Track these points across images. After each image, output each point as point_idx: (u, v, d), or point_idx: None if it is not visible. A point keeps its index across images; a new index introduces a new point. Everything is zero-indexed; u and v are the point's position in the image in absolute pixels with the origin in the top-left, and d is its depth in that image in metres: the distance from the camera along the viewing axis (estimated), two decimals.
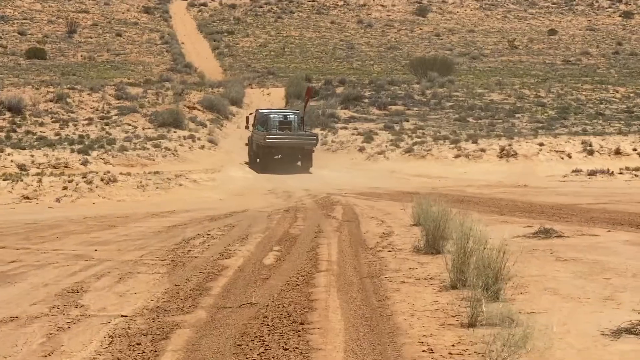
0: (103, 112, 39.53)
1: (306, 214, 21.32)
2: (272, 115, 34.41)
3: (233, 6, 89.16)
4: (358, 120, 40.65)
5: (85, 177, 24.79)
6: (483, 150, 32.50)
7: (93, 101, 40.79)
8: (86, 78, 55.92)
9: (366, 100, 44.76)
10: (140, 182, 24.94)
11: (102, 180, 24.49)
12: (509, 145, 32.61)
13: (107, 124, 37.49)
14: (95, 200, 23.87)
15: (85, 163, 29.14)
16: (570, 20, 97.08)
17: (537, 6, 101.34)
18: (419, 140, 35.22)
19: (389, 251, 14.25)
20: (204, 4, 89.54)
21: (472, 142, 33.51)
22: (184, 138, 35.95)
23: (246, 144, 35.91)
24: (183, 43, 77.27)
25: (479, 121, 41.10)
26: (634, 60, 76.18)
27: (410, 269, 12.46)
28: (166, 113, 38.18)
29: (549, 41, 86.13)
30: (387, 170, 32.17)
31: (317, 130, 38.22)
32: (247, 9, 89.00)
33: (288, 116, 34.66)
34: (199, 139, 36.28)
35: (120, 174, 26.34)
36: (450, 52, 74.27)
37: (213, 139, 36.53)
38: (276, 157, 33.34)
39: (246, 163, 34.82)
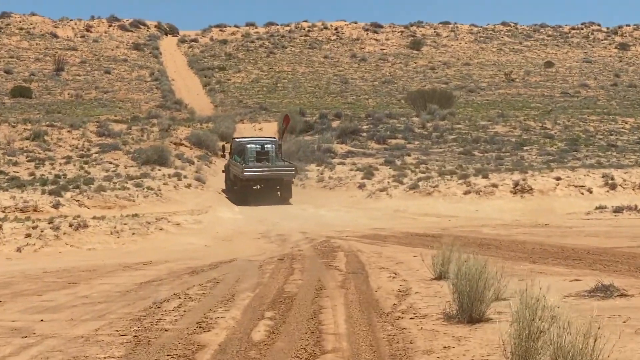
0: (83, 150, 36.32)
1: (304, 263, 18.06)
2: (249, 145, 32.61)
3: (224, 42, 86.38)
4: (356, 155, 37.49)
5: (51, 222, 21.49)
6: (495, 185, 29.26)
7: (73, 139, 37.58)
8: (71, 116, 52.77)
9: (364, 134, 41.63)
10: (115, 227, 21.65)
11: (70, 225, 21.21)
12: (523, 179, 29.41)
13: (86, 163, 34.24)
14: (62, 249, 20.59)
15: (57, 206, 25.81)
16: (566, 52, 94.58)
17: (532, 39, 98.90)
18: (423, 175, 32.00)
19: (411, 318, 11.02)
20: (195, 40, 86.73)
21: (483, 177, 30.30)
22: (169, 176, 32.69)
23: (223, 171, 34.33)
24: (173, 80, 74.31)
25: (486, 154, 37.96)
26: (634, 92, 73.48)
27: (445, 347, 9.27)
28: (150, 150, 34.97)
29: (545, 74, 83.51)
30: (390, 209, 28.93)
31: (312, 166, 35.09)
32: (239, 44, 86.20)
33: (265, 145, 32.90)
34: (185, 177, 33.01)
35: (93, 218, 23.04)
36: (447, 86, 71.45)
37: (200, 177, 33.28)
38: (255, 187, 31.87)
39: (223, 190, 33.19)
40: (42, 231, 21.01)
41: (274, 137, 35.25)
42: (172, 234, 23.01)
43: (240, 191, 31.47)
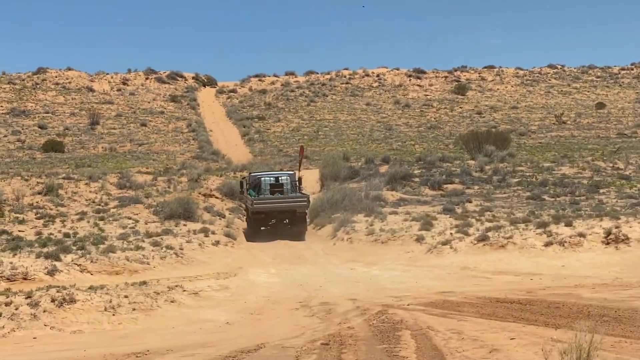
0: (100, 205, 31.20)
1: (357, 353, 12.46)
2: (263, 178, 31.53)
3: (263, 91, 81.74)
4: (409, 202, 31.85)
5: (30, 296, 16.13)
6: (582, 235, 23.42)
7: (90, 192, 32.54)
8: (101, 169, 48.03)
9: (416, 179, 36.04)
10: (110, 301, 16.22)
11: (53, 300, 15.85)
12: (616, 227, 23.55)
13: (102, 219, 29.09)
14: (39, 332, 15.20)
15: (52, 272, 20.47)
16: (617, 93, 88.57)
17: (581, 80, 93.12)
18: (492, 224, 26.26)
19: None
20: (233, 91, 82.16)
21: (565, 225, 24.49)
22: (195, 232, 27.38)
23: (245, 210, 32.86)
24: (211, 130, 69.70)
25: (557, 199, 32.10)
26: None
27: None
28: (174, 203, 29.75)
29: (598, 115, 77.68)
30: (457, 266, 23.21)
31: (360, 217, 29.53)
32: (278, 94, 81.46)
33: (280, 178, 31.73)
34: (213, 232, 27.66)
35: (89, 288, 17.66)
36: (496, 130, 65.87)
37: (231, 232, 27.86)
38: (270, 222, 30.61)
39: (244, 230, 31.41)
40: (16, 308, 15.68)
41: (291, 171, 33.59)
42: (187, 306, 17.52)
43: (254, 225, 30.24)
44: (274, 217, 30.42)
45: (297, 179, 31.78)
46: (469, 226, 26.55)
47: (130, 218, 29.42)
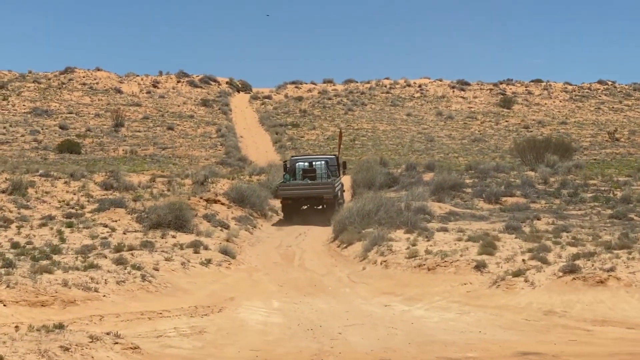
0: (74, 208, 23.81)
1: None
2: (298, 164, 30.28)
3: (299, 99, 74.29)
4: (462, 217, 23.96)
5: None
6: None
7: (67, 192, 25.18)
8: (94, 167, 40.93)
9: (468, 190, 28.22)
10: None
11: None
12: None
13: (70, 225, 21.66)
14: None
15: None
16: None
17: (633, 97, 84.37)
18: (577, 250, 18.40)
19: None
20: (268, 97, 74.84)
21: None
22: (181, 247, 19.84)
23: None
24: (242, 137, 62.43)
25: None
26: None
27: None
28: (164, 208, 22.17)
29: None
30: (538, 309, 15.37)
31: (399, 234, 21.64)
32: (315, 101, 73.97)
33: (314, 163, 30.31)
34: (206, 248, 20.05)
35: None
36: (556, 138, 57.82)
37: (229, 249, 20.09)
38: (302, 208, 29.37)
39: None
40: None
41: (332, 155, 32.21)
42: None
43: (285, 211, 28.99)
44: (302, 204, 29.08)
45: (339, 163, 30.65)
46: (547, 251, 18.63)
47: (106, 225, 21.97)
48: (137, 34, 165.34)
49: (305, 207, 29.30)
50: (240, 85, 76.34)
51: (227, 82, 76.40)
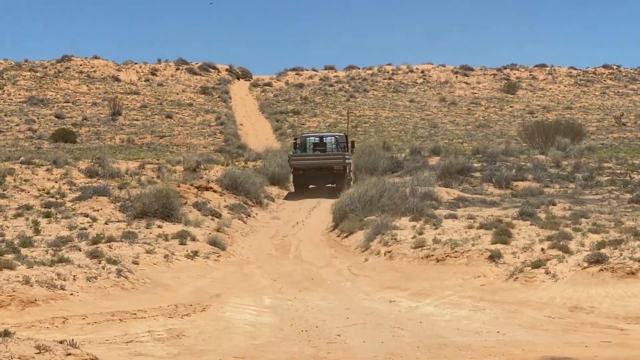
0: (55, 197, 21.89)
1: None
2: (309, 138, 31.11)
3: (300, 85, 72.27)
4: (471, 203, 21.98)
5: None
6: None
7: (48, 179, 23.26)
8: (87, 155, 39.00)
9: (477, 174, 26.24)
10: None
11: None
12: None
13: (47, 215, 19.76)
14: None
15: None
16: None
17: (639, 81, 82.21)
18: (600, 237, 16.46)
19: None
20: (269, 84, 72.80)
21: None
22: (167, 238, 17.91)
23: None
24: (241, 124, 60.53)
25: None
26: None
27: None
28: (149, 196, 20.22)
29: None
30: (563, 304, 13.44)
31: (404, 221, 19.68)
32: (316, 88, 71.94)
33: (325, 138, 30.91)
34: (194, 239, 18.11)
35: None
36: (566, 121, 55.93)
37: (218, 240, 18.13)
38: (311, 185, 29.77)
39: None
40: None
41: (341, 133, 32.61)
42: None
43: (296, 183, 29.59)
44: (312, 176, 29.21)
45: (348, 141, 30.69)
46: (567, 239, 16.66)
47: (87, 215, 20.05)
48: (136, 22, 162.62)
49: (314, 186, 29.57)
50: (240, 73, 74.34)
51: (226, 70, 74.39)
